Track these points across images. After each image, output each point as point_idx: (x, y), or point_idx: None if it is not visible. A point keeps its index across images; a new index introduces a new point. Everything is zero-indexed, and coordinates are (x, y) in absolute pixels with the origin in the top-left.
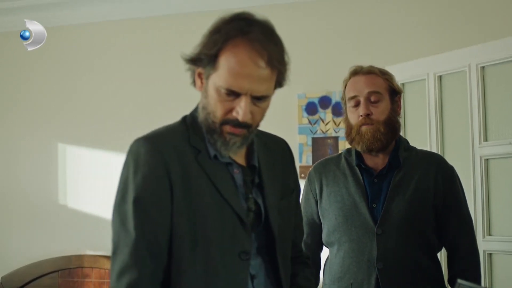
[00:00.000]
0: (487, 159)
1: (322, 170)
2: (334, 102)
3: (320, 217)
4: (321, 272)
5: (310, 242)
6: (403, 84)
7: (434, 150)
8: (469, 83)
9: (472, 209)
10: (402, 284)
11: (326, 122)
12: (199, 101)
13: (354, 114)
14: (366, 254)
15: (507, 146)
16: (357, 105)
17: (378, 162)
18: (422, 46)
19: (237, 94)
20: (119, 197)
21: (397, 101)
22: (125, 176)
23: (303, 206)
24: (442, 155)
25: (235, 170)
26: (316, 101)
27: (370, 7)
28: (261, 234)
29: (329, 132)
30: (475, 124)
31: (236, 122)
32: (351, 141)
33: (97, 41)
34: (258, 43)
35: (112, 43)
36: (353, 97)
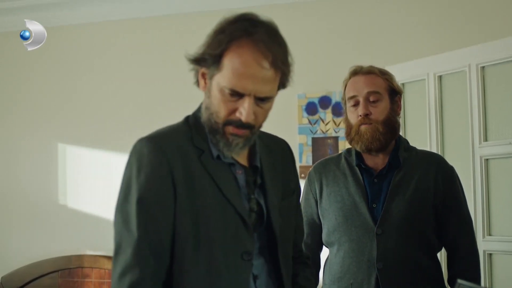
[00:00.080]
0: (487, 159)
1: (322, 170)
2: (334, 102)
3: (320, 217)
4: (321, 272)
5: (310, 242)
6: (403, 84)
7: (434, 150)
8: (469, 83)
9: (472, 209)
10: (402, 284)
11: (326, 122)
12: (202, 101)
13: (354, 114)
14: (366, 254)
15: (507, 146)
16: (356, 104)
17: (378, 162)
18: (422, 46)
19: (240, 95)
20: (122, 197)
21: (397, 101)
22: (128, 176)
23: (303, 206)
24: (442, 155)
25: (238, 171)
26: (316, 101)
27: (370, 7)
28: (263, 235)
29: (329, 132)
30: (475, 124)
31: (239, 123)
32: (351, 140)
33: (97, 41)
34: (262, 44)
35: (112, 43)
36: (352, 97)
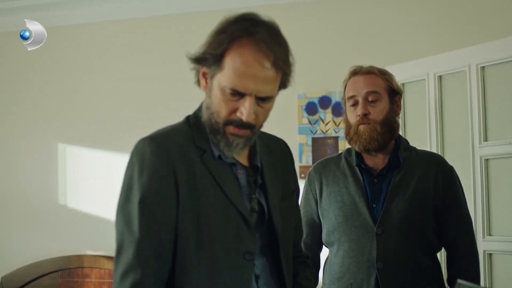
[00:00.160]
0: (487, 159)
1: (322, 170)
2: (334, 102)
3: (320, 217)
4: (320, 272)
5: (310, 242)
6: (403, 84)
7: (434, 150)
8: (469, 83)
9: (472, 209)
10: (401, 284)
11: (326, 122)
12: (203, 100)
13: (353, 113)
14: (366, 254)
15: (507, 146)
16: (355, 104)
17: (378, 162)
18: (422, 46)
19: (241, 95)
20: (123, 197)
21: (396, 101)
22: (129, 176)
23: (303, 206)
24: (442, 155)
25: (239, 171)
26: (316, 101)
27: (370, 7)
28: (264, 234)
29: (329, 132)
30: (475, 124)
31: (239, 123)
32: (349, 140)
33: (97, 41)
34: (264, 44)
35: (112, 43)
36: (352, 96)
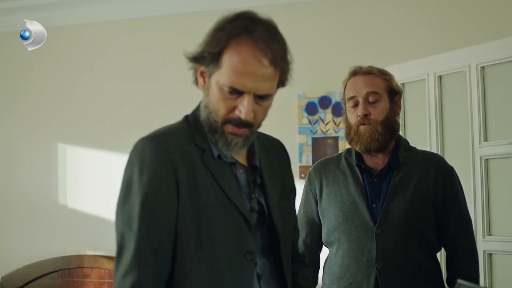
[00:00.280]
0: (487, 159)
1: (322, 170)
2: (334, 102)
3: (320, 217)
4: (320, 271)
5: (310, 242)
6: (403, 84)
7: (434, 150)
8: (469, 83)
9: (472, 209)
10: (401, 284)
11: (326, 122)
12: (201, 99)
13: (353, 114)
14: (365, 254)
15: (507, 146)
16: (355, 105)
17: (378, 162)
18: (422, 46)
19: (240, 93)
20: (123, 197)
21: (396, 101)
22: (128, 175)
23: (303, 206)
24: (442, 155)
25: (239, 170)
26: (316, 101)
27: (370, 7)
28: (265, 234)
29: (329, 132)
30: (475, 124)
31: (238, 121)
32: (350, 141)
33: (97, 41)
34: (262, 42)
35: (112, 43)
36: (352, 97)
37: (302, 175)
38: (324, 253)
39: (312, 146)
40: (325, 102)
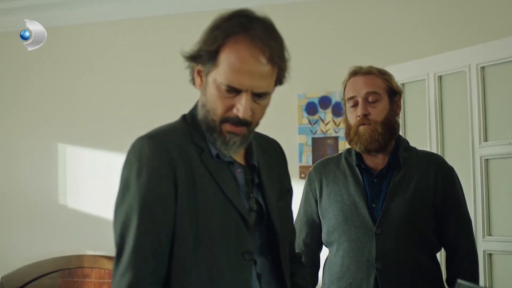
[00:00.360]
0: (487, 159)
1: (322, 170)
2: (334, 102)
3: (320, 216)
4: (320, 271)
5: (310, 242)
6: (403, 84)
7: (434, 150)
8: (469, 83)
9: (472, 209)
10: (401, 284)
11: (326, 122)
12: (198, 99)
13: (353, 114)
14: (365, 254)
15: (507, 146)
16: (355, 105)
17: (378, 162)
18: (422, 46)
19: (237, 91)
20: (121, 196)
21: (396, 101)
22: (127, 175)
23: (303, 206)
24: (442, 155)
25: (237, 170)
26: (316, 101)
27: (370, 7)
28: (263, 234)
29: (329, 132)
30: (475, 124)
31: (236, 120)
32: (350, 141)
33: (97, 41)
34: (259, 40)
35: (112, 43)
36: (351, 97)
37: (302, 175)
38: (324, 253)
39: (312, 146)
40: (325, 102)
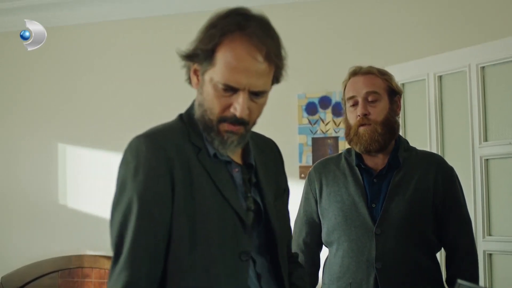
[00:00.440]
0: (487, 159)
1: (322, 170)
2: (334, 102)
3: (319, 216)
4: (320, 271)
5: (310, 242)
6: (403, 84)
7: (434, 150)
8: (469, 83)
9: (472, 209)
10: (401, 284)
11: (326, 122)
12: (195, 98)
13: (353, 114)
14: (365, 254)
15: (507, 146)
16: (355, 105)
17: (378, 162)
18: (422, 46)
19: (234, 90)
20: (118, 196)
21: (396, 101)
22: (124, 174)
23: (303, 206)
24: (442, 155)
25: (235, 169)
26: (316, 101)
27: (370, 7)
28: (261, 233)
29: (329, 132)
30: (475, 124)
31: (233, 119)
32: (350, 141)
33: (97, 41)
34: (255, 38)
35: (112, 43)
36: (351, 97)
37: (302, 175)
38: (324, 253)
39: (312, 146)
40: (325, 102)
